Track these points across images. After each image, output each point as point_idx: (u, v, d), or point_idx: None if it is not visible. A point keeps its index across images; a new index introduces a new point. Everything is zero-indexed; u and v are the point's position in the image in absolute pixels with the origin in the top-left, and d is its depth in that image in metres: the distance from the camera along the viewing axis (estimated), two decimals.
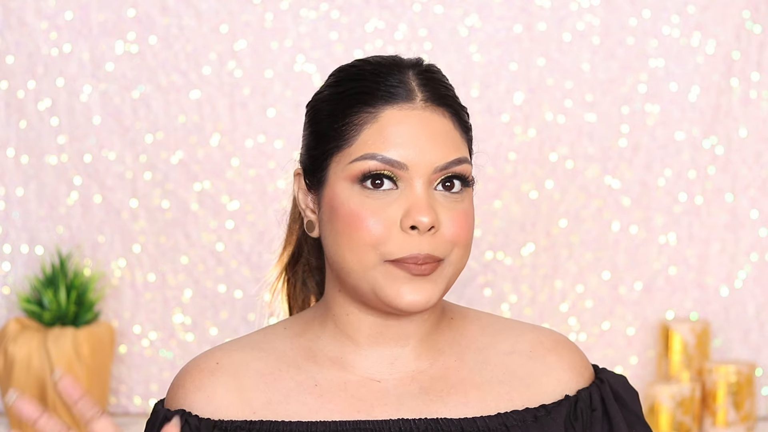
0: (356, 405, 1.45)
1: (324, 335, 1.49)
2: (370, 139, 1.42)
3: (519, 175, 3.30)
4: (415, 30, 3.29)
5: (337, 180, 1.44)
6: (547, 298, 3.32)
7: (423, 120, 1.44)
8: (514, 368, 1.50)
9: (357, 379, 1.47)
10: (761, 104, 3.29)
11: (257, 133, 3.30)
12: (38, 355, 3.11)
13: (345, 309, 1.47)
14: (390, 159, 1.41)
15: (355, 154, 1.43)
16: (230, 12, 3.28)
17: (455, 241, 1.43)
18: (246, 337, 1.53)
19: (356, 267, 1.42)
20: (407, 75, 1.46)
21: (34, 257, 3.32)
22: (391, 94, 1.44)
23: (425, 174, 1.42)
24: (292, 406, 1.45)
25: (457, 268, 1.45)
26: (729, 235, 3.31)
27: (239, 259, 3.31)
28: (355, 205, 1.42)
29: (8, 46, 3.28)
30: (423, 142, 1.42)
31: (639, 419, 1.52)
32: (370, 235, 1.41)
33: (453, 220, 1.43)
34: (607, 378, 1.53)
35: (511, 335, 1.53)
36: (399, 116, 1.43)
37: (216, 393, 1.47)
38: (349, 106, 1.45)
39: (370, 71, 1.47)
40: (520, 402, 1.48)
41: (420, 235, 1.41)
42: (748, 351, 3.33)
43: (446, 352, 1.50)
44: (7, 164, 3.31)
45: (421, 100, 1.45)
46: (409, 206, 1.41)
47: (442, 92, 1.47)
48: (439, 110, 1.45)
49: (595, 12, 3.28)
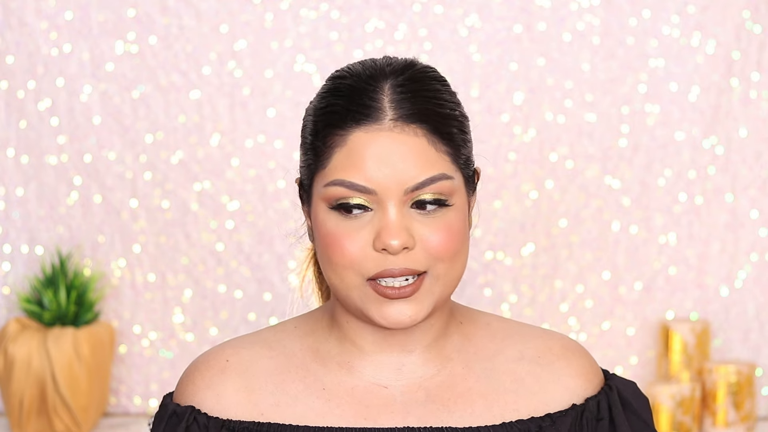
0: (363, 412, 1.45)
1: (331, 338, 1.49)
2: (340, 163, 1.41)
3: (519, 175, 3.30)
4: (415, 30, 3.29)
5: (318, 200, 1.43)
6: (547, 298, 3.32)
7: (391, 141, 1.40)
8: (521, 376, 1.49)
9: (364, 384, 1.46)
10: (761, 104, 3.29)
11: (257, 133, 3.30)
12: (38, 355, 3.11)
13: (345, 317, 1.47)
14: (357, 185, 1.39)
15: (328, 178, 1.41)
16: (230, 12, 3.28)
17: (437, 255, 1.40)
18: (256, 334, 1.53)
19: (340, 286, 1.42)
20: (382, 91, 1.42)
21: (34, 257, 3.32)
22: (360, 114, 1.41)
23: (396, 196, 1.40)
24: (300, 409, 1.45)
25: (446, 282, 1.42)
26: (729, 235, 3.31)
27: (239, 259, 3.31)
28: (331, 228, 1.41)
29: (8, 46, 3.28)
30: (392, 164, 1.40)
31: (648, 426, 1.51)
32: (345, 258, 1.40)
33: (433, 233, 1.40)
34: (617, 384, 1.52)
35: (520, 341, 1.51)
36: (366, 139, 1.40)
37: (225, 392, 1.47)
38: (325, 126, 1.43)
39: (347, 86, 1.44)
40: (527, 411, 1.47)
41: (394, 256, 1.40)
42: (748, 351, 3.33)
43: (454, 359, 1.49)
44: (7, 164, 3.31)
45: (390, 119, 1.41)
46: (380, 229, 1.39)
47: (418, 107, 1.42)
48: (410, 128, 1.41)
49: (595, 12, 3.28)
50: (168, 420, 1.48)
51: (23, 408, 3.12)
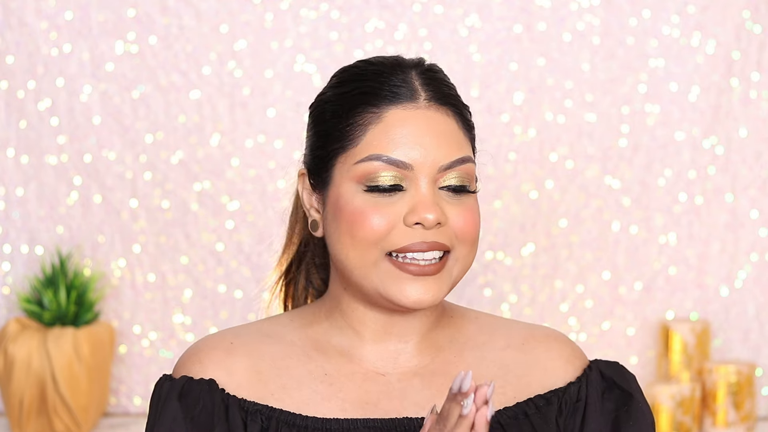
0: (364, 397, 1.47)
1: (331, 328, 1.51)
2: (375, 139, 1.43)
3: (519, 175, 3.30)
4: (415, 30, 3.29)
5: (343, 180, 1.45)
6: (547, 298, 3.32)
7: (427, 119, 1.45)
8: (507, 362, 1.52)
9: (363, 371, 1.49)
10: (761, 104, 3.29)
11: (257, 133, 3.30)
12: (38, 355, 3.11)
13: (351, 306, 1.49)
14: (395, 159, 1.42)
15: (361, 155, 1.43)
16: (230, 12, 3.28)
17: (462, 237, 1.44)
18: (251, 325, 1.54)
19: (359, 264, 1.43)
20: (410, 75, 1.47)
21: (34, 257, 3.32)
22: (394, 93, 1.45)
23: (430, 173, 1.43)
24: (305, 392, 1.47)
25: (463, 266, 1.46)
26: (729, 235, 3.31)
27: (239, 259, 3.31)
28: (360, 204, 1.43)
29: (8, 46, 3.28)
30: (427, 142, 1.43)
31: (634, 399, 1.52)
32: (373, 232, 1.42)
33: (460, 215, 1.44)
34: (599, 366, 1.54)
35: (506, 332, 1.55)
36: (403, 116, 1.44)
37: (236, 370, 1.47)
38: (354, 106, 1.45)
39: (373, 71, 1.47)
40: (513, 394, 1.50)
41: (425, 230, 1.42)
42: (748, 351, 3.33)
43: (446, 349, 1.52)
44: (7, 164, 3.31)
45: (424, 99, 1.46)
46: (415, 204, 1.42)
47: (445, 91, 1.48)
48: (443, 109, 1.46)
49: (595, 12, 3.28)
50: (182, 394, 1.44)
51: (23, 408, 3.12)
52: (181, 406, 1.44)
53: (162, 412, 1.44)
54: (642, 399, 1.53)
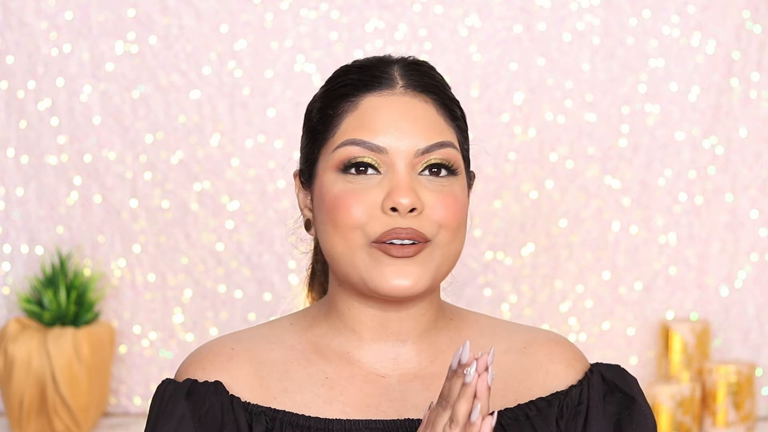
0: (365, 399, 1.47)
1: (330, 330, 1.51)
2: (350, 126, 1.44)
3: (519, 175, 3.30)
4: (415, 30, 3.29)
5: (324, 171, 1.46)
6: (547, 298, 3.32)
7: (403, 104, 1.45)
8: (508, 365, 1.52)
9: (364, 373, 1.49)
10: (761, 104, 3.29)
11: (257, 133, 3.30)
12: (38, 355, 3.11)
13: (347, 303, 1.49)
14: (370, 143, 1.43)
15: (337, 142, 1.45)
16: (230, 12, 3.28)
17: (441, 223, 1.43)
18: (251, 330, 1.54)
19: (343, 250, 1.43)
20: (392, 67, 1.48)
21: (34, 257, 3.32)
22: (372, 82, 1.46)
23: (406, 157, 1.43)
24: (307, 396, 1.47)
25: (447, 252, 1.45)
26: (729, 235, 3.31)
27: (239, 259, 3.31)
28: (338, 191, 1.43)
29: (8, 46, 3.28)
30: (402, 126, 1.44)
31: (636, 402, 1.52)
32: (352, 218, 1.42)
33: (439, 201, 1.43)
34: (600, 369, 1.54)
35: (507, 336, 1.55)
36: (378, 102, 1.45)
37: (239, 375, 1.47)
38: (334, 99, 1.47)
39: (357, 66, 1.49)
40: (514, 397, 1.50)
41: (402, 217, 1.42)
42: (748, 351, 3.33)
43: (446, 351, 1.52)
44: (7, 164, 3.31)
45: (401, 86, 1.46)
46: (391, 188, 1.42)
47: (426, 81, 1.48)
48: (421, 96, 1.46)
49: (595, 12, 3.28)
50: (189, 395, 1.44)
51: (23, 408, 3.12)
52: (189, 405, 1.44)
53: (168, 411, 1.44)
54: (644, 402, 1.52)
